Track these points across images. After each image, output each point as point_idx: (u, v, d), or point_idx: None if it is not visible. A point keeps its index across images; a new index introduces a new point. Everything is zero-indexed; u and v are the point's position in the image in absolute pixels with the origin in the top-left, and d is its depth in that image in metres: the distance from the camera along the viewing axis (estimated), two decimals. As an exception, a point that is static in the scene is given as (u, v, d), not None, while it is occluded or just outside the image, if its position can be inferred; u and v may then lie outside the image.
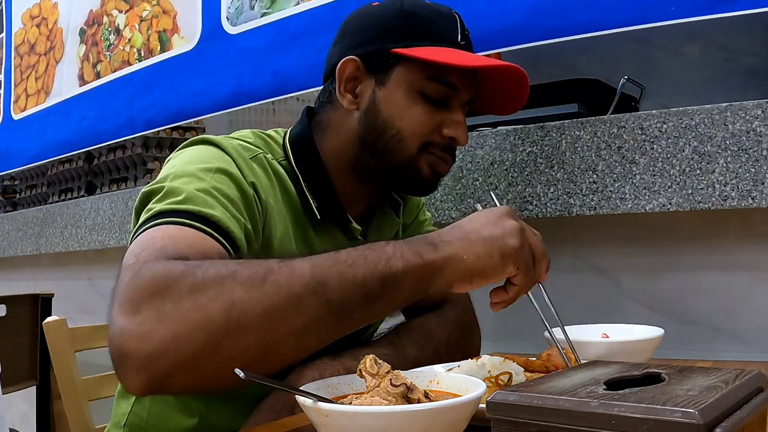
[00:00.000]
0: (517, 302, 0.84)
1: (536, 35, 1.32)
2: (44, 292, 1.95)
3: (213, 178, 0.86)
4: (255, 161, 0.95)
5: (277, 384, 0.67)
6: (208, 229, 0.79)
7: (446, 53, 0.98)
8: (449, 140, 1.01)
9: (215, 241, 0.78)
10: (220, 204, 0.83)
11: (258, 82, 1.81)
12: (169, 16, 2.10)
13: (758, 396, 0.52)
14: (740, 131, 1.11)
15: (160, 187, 0.84)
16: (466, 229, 0.78)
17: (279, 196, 0.97)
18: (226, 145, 0.93)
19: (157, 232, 0.77)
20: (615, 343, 0.90)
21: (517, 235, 0.78)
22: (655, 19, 1.18)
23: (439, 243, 0.77)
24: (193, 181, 0.84)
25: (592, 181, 1.24)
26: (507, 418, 0.52)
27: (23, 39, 2.70)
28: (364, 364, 0.64)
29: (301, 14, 1.71)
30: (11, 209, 3.25)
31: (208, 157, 0.90)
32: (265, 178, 0.95)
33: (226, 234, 0.80)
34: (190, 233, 0.77)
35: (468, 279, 0.77)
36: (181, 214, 0.79)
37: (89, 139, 2.36)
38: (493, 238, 0.77)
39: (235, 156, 0.92)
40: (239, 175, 0.89)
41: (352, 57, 1.01)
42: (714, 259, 1.23)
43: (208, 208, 0.81)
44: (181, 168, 0.87)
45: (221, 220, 0.80)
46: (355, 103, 1.02)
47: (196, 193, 0.82)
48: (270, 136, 1.04)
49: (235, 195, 0.87)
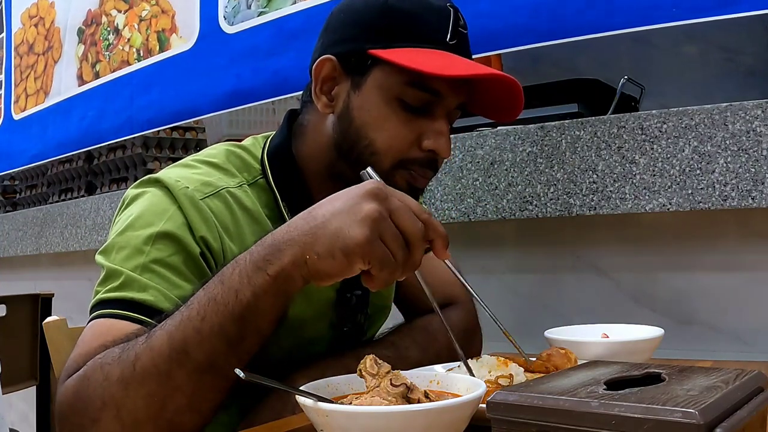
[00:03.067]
0: (517, 303, 0.83)
1: (537, 37, 1.32)
2: (44, 292, 1.95)
3: (153, 248, 0.85)
4: (215, 198, 0.90)
5: (277, 384, 0.67)
6: (140, 316, 0.80)
7: (428, 57, 0.89)
8: (429, 153, 0.92)
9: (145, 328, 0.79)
10: (159, 277, 0.83)
11: (257, 82, 1.81)
12: (167, 15, 2.10)
13: (758, 396, 0.52)
14: (740, 131, 1.11)
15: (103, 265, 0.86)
16: (316, 218, 0.70)
17: (246, 233, 0.91)
18: (177, 191, 0.88)
19: (90, 329, 0.82)
20: (615, 343, 0.90)
21: (367, 226, 0.68)
22: (656, 21, 1.18)
23: (284, 244, 0.71)
24: (133, 256, 0.84)
25: (592, 181, 1.24)
26: (507, 418, 0.52)
27: (22, 39, 2.70)
28: (364, 364, 0.64)
29: (298, 13, 1.71)
30: (11, 209, 3.25)
31: (152, 216, 0.87)
32: (227, 216, 0.90)
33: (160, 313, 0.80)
34: (117, 325, 0.80)
35: (318, 279, 0.70)
36: (115, 304, 0.82)
37: (89, 139, 2.37)
38: (336, 234, 0.68)
39: (185, 205, 0.87)
40: (184, 235, 0.86)
41: (329, 57, 0.93)
42: (714, 259, 1.23)
43: (141, 291, 0.82)
44: (125, 236, 0.87)
45: (153, 303, 0.81)
46: (330, 106, 0.94)
47: (131, 276, 0.83)
48: (247, 150, 0.99)
49: (177, 261, 0.85)
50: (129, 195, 0.94)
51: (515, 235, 1.44)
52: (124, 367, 0.72)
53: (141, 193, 0.92)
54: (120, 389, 0.72)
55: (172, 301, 0.82)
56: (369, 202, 0.69)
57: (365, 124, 0.92)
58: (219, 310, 0.71)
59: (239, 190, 0.94)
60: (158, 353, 0.72)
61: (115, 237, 0.88)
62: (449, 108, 0.94)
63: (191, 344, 0.72)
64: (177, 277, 0.84)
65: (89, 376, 0.74)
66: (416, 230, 0.70)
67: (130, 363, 0.72)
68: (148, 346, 0.73)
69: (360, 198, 0.69)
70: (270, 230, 0.89)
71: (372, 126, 0.91)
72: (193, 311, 0.73)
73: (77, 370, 0.76)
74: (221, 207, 0.90)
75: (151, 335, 0.74)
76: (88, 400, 0.73)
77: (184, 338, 0.72)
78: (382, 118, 0.91)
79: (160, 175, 0.91)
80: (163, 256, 0.84)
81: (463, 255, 0.72)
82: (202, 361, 0.72)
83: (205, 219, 0.88)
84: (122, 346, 0.75)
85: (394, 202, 0.70)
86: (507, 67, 1.88)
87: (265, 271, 0.71)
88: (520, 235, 1.43)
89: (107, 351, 0.76)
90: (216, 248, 0.88)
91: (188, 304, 0.74)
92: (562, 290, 1.37)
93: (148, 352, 0.72)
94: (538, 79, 1.55)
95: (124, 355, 0.73)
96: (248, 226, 0.93)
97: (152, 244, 0.85)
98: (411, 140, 0.92)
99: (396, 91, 0.91)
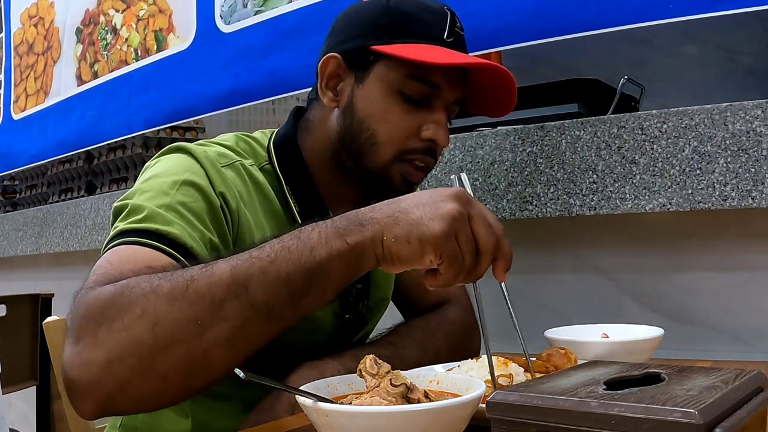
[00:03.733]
0: (517, 303, 0.83)
1: (534, 34, 1.32)
2: (44, 292, 1.95)
3: (178, 192, 0.86)
4: (231, 169, 0.94)
5: (277, 384, 0.67)
6: (164, 246, 0.80)
7: (427, 51, 0.95)
8: (428, 142, 0.97)
9: (170, 258, 0.79)
10: (182, 218, 0.84)
11: (254, 81, 1.81)
12: (165, 15, 2.10)
13: (758, 396, 0.52)
14: (740, 131, 1.11)
15: (125, 204, 0.86)
16: (400, 206, 0.73)
17: (257, 204, 0.96)
18: (199, 153, 0.92)
19: (113, 254, 0.79)
20: (615, 343, 0.90)
21: (446, 221, 0.70)
22: (654, 18, 1.18)
23: (367, 221, 0.73)
24: (157, 197, 0.85)
25: (592, 181, 1.24)
26: (507, 418, 0.52)
27: (22, 39, 2.70)
28: (363, 364, 0.64)
29: (294, 12, 1.71)
30: (11, 209, 3.25)
31: (177, 168, 0.90)
32: (241, 185, 0.95)
33: (183, 249, 0.81)
34: (143, 253, 0.79)
35: (389, 262, 0.72)
36: (138, 234, 0.81)
37: (88, 138, 2.37)
38: (417, 222, 0.71)
39: (207, 165, 0.91)
40: (206, 186, 0.89)
41: (334, 54, 0.99)
42: (714, 259, 1.23)
43: (166, 225, 0.82)
44: (150, 182, 0.88)
45: (178, 236, 0.81)
46: (335, 100, 1.00)
47: (156, 210, 0.83)
48: (255, 139, 1.04)
49: (200, 207, 0.87)
50: (152, 160, 0.96)
51: (515, 235, 1.43)
52: (177, 284, 0.71)
53: (164, 157, 0.95)
54: (166, 303, 0.70)
55: (196, 241, 0.82)
56: (452, 202, 0.72)
57: (368, 115, 0.97)
58: (291, 258, 0.71)
59: (251, 168, 0.98)
60: (217, 280, 0.71)
61: (139, 184, 0.89)
62: (447, 101, 0.98)
63: (254, 281, 0.71)
64: (198, 222, 0.85)
65: (133, 285, 0.71)
66: (489, 241, 0.73)
67: (184, 281, 0.71)
68: (208, 272, 0.71)
69: (445, 197, 0.72)
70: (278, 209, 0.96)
71: (374, 117, 0.96)
72: (263, 252, 0.72)
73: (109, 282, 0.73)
74: (236, 177, 0.94)
75: (210, 264, 0.73)
76: (126, 306, 0.70)
77: (249, 274, 0.71)
78: (384, 109, 0.96)
79: (181, 144, 0.95)
80: (187, 200, 0.86)
81: (463, 255, 0.72)
82: (259, 300, 0.71)
83: (224, 180, 0.91)
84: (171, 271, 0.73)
85: (475, 209, 0.73)
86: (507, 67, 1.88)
87: (345, 239, 0.72)
88: (520, 235, 1.43)
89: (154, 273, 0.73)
90: (233, 207, 0.91)
91: (259, 246, 0.73)
92: (562, 290, 1.37)
93: (206, 277, 0.71)
94: (538, 79, 1.55)
95: (177, 274, 0.72)
96: (259, 200, 0.96)
97: (177, 189, 0.86)
98: (411, 131, 0.96)
99: (397, 84, 0.96)
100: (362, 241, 0.72)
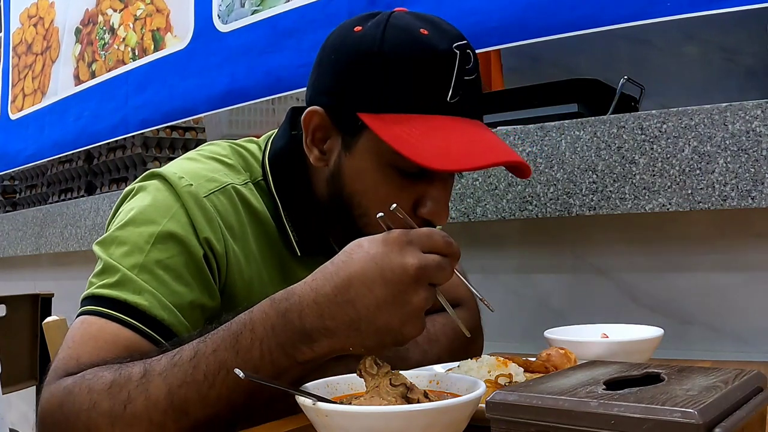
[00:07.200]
0: (517, 303, 0.83)
1: (532, 32, 1.32)
2: (44, 292, 1.95)
3: (154, 248, 0.83)
4: (221, 195, 0.88)
5: (277, 384, 0.67)
6: (132, 320, 0.79)
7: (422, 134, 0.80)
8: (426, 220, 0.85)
9: (136, 334, 0.78)
10: (156, 280, 0.81)
11: (251, 80, 1.81)
12: (162, 14, 2.10)
13: (758, 396, 0.53)
14: (740, 131, 1.11)
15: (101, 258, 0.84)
16: (357, 310, 0.66)
17: (250, 235, 0.90)
18: (180, 188, 0.86)
19: (80, 328, 0.80)
20: (615, 343, 0.90)
21: (420, 319, 0.67)
22: (652, 16, 1.18)
23: (317, 333, 0.68)
24: (133, 253, 0.82)
25: (592, 181, 1.24)
26: (507, 418, 0.52)
27: (21, 38, 2.70)
28: (363, 364, 0.64)
29: (291, 11, 1.71)
30: (11, 209, 3.25)
31: (154, 213, 0.85)
32: (232, 214, 0.89)
33: (152, 321, 0.79)
34: (108, 329, 0.78)
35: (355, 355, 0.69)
36: (108, 303, 0.80)
37: (85, 138, 2.37)
38: (387, 329, 0.66)
39: (188, 203, 0.85)
40: (186, 235, 0.84)
41: (317, 109, 0.87)
42: (714, 259, 1.23)
43: (136, 294, 0.80)
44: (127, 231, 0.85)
45: (147, 308, 0.80)
46: (323, 159, 0.89)
47: (128, 276, 0.81)
48: (249, 150, 0.96)
49: (179, 262, 0.83)
50: (131, 188, 0.92)
51: (515, 235, 1.44)
52: (114, 403, 0.70)
53: (144, 187, 0.90)
54: (106, 424, 0.70)
55: (167, 308, 0.80)
56: (415, 291, 0.66)
57: (358, 192, 0.86)
58: (229, 383, 0.69)
59: (245, 188, 0.92)
60: (154, 404, 0.70)
61: (116, 230, 0.86)
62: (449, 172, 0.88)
63: (193, 406, 0.70)
64: (176, 281, 0.82)
65: (75, 398, 0.72)
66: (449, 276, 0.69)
67: (121, 403, 0.70)
68: (144, 392, 0.70)
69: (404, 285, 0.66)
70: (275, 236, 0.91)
71: (364, 194, 0.86)
72: (199, 374, 0.70)
73: (67, 374, 0.75)
74: (226, 204, 0.89)
75: (148, 376, 0.71)
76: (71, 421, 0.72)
77: (186, 399, 0.70)
78: (375, 185, 0.85)
79: (163, 170, 0.90)
80: (163, 257, 0.82)
81: (463, 255, 0.71)
82: (201, 420, 0.71)
83: (209, 219, 0.86)
84: (114, 371, 0.73)
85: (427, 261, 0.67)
86: (507, 67, 1.88)
87: (294, 358, 0.69)
88: (520, 235, 1.43)
89: (97, 372, 0.73)
90: (219, 251, 0.86)
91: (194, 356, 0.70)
92: (562, 290, 1.37)
93: (142, 399, 0.70)
94: (538, 79, 1.55)
95: (115, 390, 0.71)
96: (252, 229, 0.91)
97: (153, 244, 0.83)
98: (407, 208, 0.84)
99: (389, 157, 0.83)
100: (315, 358, 0.69)
